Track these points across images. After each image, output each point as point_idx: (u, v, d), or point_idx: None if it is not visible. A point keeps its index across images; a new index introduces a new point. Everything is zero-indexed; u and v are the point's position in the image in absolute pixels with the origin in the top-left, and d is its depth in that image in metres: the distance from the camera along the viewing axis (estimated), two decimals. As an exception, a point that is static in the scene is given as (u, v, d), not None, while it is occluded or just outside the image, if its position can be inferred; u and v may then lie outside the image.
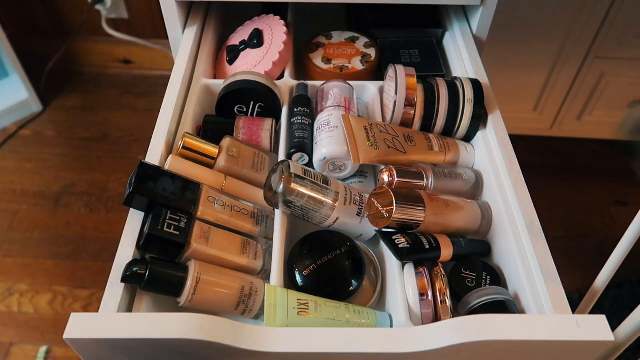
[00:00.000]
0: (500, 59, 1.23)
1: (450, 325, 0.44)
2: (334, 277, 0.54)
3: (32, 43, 1.65)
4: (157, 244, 0.52)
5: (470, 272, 0.56)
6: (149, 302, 0.51)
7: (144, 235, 0.51)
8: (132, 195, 0.52)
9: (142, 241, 0.52)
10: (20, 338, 1.17)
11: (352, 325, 0.50)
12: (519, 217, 0.56)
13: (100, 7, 1.54)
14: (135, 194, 0.52)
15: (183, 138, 0.61)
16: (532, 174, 0.65)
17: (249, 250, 0.56)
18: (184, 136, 0.61)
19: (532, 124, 1.40)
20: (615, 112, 1.34)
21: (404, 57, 0.79)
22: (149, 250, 0.53)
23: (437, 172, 0.61)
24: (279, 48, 0.74)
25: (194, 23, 0.80)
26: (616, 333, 0.56)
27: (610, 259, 0.59)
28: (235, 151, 0.62)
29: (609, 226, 1.39)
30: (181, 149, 0.60)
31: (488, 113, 0.67)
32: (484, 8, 0.77)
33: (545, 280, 0.50)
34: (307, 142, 0.64)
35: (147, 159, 0.59)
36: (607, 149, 1.55)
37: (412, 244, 0.54)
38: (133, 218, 0.55)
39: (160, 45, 1.64)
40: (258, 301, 0.53)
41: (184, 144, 0.60)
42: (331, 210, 0.56)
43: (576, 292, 1.20)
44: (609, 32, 1.16)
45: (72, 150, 1.52)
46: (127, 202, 0.54)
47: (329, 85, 0.70)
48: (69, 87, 1.72)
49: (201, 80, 0.73)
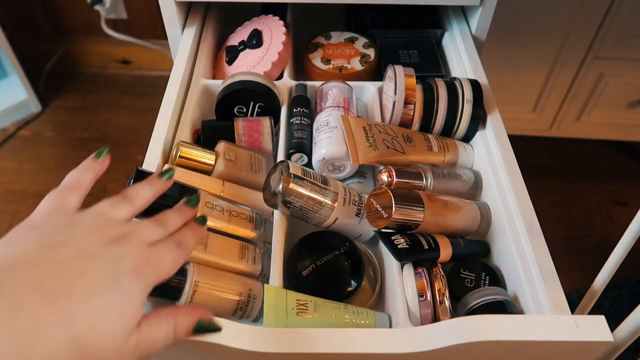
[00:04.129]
0: (499, 59, 1.24)
1: (449, 326, 0.44)
2: (333, 277, 0.54)
3: (31, 43, 1.65)
4: None
5: (469, 272, 0.56)
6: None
7: None
8: None
9: None
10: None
11: (351, 326, 0.50)
12: (518, 218, 0.56)
13: (100, 7, 1.54)
14: None
15: (179, 147, 0.60)
16: (531, 174, 0.65)
17: (248, 255, 0.55)
18: (180, 145, 0.60)
19: (531, 124, 1.40)
20: (614, 112, 1.34)
21: (403, 58, 0.79)
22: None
23: (436, 173, 0.61)
24: (278, 48, 0.74)
25: (193, 23, 0.80)
26: (615, 333, 0.56)
27: (610, 259, 0.59)
28: (232, 155, 0.62)
29: (608, 226, 1.39)
30: (178, 158, 0.60)
31: (487, 113, 0.67)
32: (483, 8, 0.77)
33: (544, 280, 0.50)
34: (306, 142, 0.64)
35: (144, 165, 0.58)
36: (606, 150, 1.55)
37: (411, 245, 0.54)
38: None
39: (160, 45, 1.64)
40: (256, 307, 0.53)
41: (180, 153, 0.60)
42: (330, 210, 0.56)
43: (575, 292, 1.20)
44: (608, 32, 1.16)
45: (71, 150, 1.52)
46: None
47: (328, 85, 0.70)
48: (68, 88, 1.72)
49: (200, 81, 0.73)
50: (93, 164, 0.41)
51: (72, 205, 0.38)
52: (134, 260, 0.36)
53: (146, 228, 0.39)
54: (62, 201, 0.38)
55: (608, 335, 0.43)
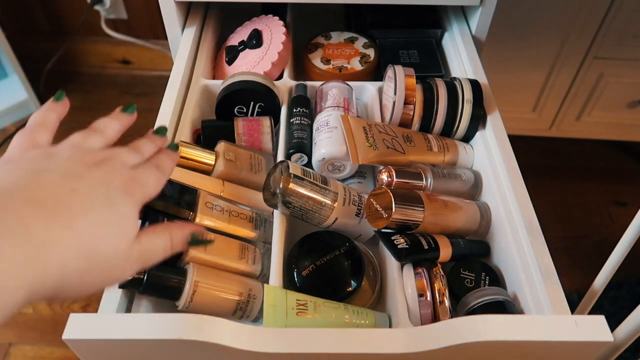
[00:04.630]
0: (499, 59, 1.23)
1: (449, 326, 0.44)
2: (333, 277, 0.54)
3: (31, 43, 1.65)
4: None
5: (469, 272, 0.56)
6: (147, 303, 0.51)
7: None
8: None
9: None
10: (19, 338, 1.17)
11: (351, 326, 0.50)
12: (518, 218, 0.56)
13: (99, 7, 1.54)
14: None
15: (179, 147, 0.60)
16: (531, 175, 0.65)
17: (247, 255, 0.55)
18: (180, 144, 0.60)
19: (531, 125, 1.40)
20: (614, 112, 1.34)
21: (403, 58, 0.79)
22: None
23: (436, 173, 0.61)
24: (278, 48, 0.74)
25: (193, 23, 0.80)
26: (615, 333, 0.56)
27: (609, 259, 0.59)
28: (232, 155, 0.62)
29: (608, 226, 1.39)
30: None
31: (487, 113, 0.67)
32: (483, 8, 0.77)
33: (544, 280, 0.50)
34: (306, 142, 0.64)
35: None
36: (606, 150, 1.55)
37: (411, 245, 0.54)
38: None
39: (159, 45, 1.64)
40: (256, 307, 0.53)
41: (180, 153, 0.60)
42: (330, 210, 0.56)
43: (575, 292, 1.20)
44: (608, 32, 1.16)
45: (71, 150, 1.52)
46: None
47: (327, 85, 0.70)
48: (68, 88, 1.72)
49: (200, 81, 0.73)
50: (54, 104, 0.42)
51: (44, 140, 0.39)
52: (121, 180, 0.37)
53: (124, 153, 0.40)
54: (33, 139, 0.38)
55: (608, 335, 0.43)
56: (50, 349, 1.15)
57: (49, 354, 1.15)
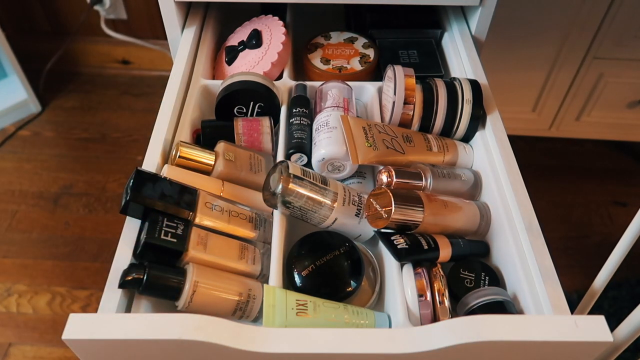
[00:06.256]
0: (499, 59, 1.23)
1: (448, 326, 0.44)
2: (333, 277, 0.54)
3: (30, 43, 1.65)
4: (154, 252, 0.51)
5: (468, 272, 0.56)
6: (147, 303, 0.51)
7: (141, 243, 0.51)
8: (128, 203, 0.52)
9: (139, 249, 0.51)
10: (19, 339, 1.17)
11: (351, 326, 0.50)
12: (518, 218, 0.56)
13: (99, 7, 1.54)
14: (131, 202, 0.52)
15: (179, 147, 0.60)
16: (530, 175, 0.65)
17: (247, 255, 0.55)
18: (180, 145, 0.60)
19: (530, 125, 1.40)
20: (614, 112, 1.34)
21: (403, 58, 0.79)
22: (146, 258, 0.52)
23: (436, 173, 0.61)
24: (278, 49, 0.74)
25: (192, 24, 0.80)
26: (615, 334, 0.56)
27: (609, 259, 0.59)
28: (231, 155, 0.62)
29: (607, 226, 1.39)
30: (177, 158, 0.60)
31: (487, 113, 0.67)
32: (483, 8, 0.77)
33: (543, 280, 0.50)
34: (306, 142, 0.64)
35: (144, 165, 0.58)
36: (606, 150, 1.55)
37: (410, 245, 0.54)
38: (131, 220, 0.54)
39: (159, 45, 1.64)
40: (256, 307, 0.53)
41: (180, 154, 0.60)
42: (330, 210, 0.56)
43: (575, 292, 1.20)
44: (607, 32, 1.16)
45: (71, 150, 1.52)
46: (123, 210, 0.53)
47: (327, 85, 0.70)
48: (68, 88, 1.72)
49: (200, 81, 0.73)
50: None
51: None
52: None
53: None
54: None
55: (608, 335, 0.43)
56: (49, 349, 1.15)
57: (49, 354, 1.15)
